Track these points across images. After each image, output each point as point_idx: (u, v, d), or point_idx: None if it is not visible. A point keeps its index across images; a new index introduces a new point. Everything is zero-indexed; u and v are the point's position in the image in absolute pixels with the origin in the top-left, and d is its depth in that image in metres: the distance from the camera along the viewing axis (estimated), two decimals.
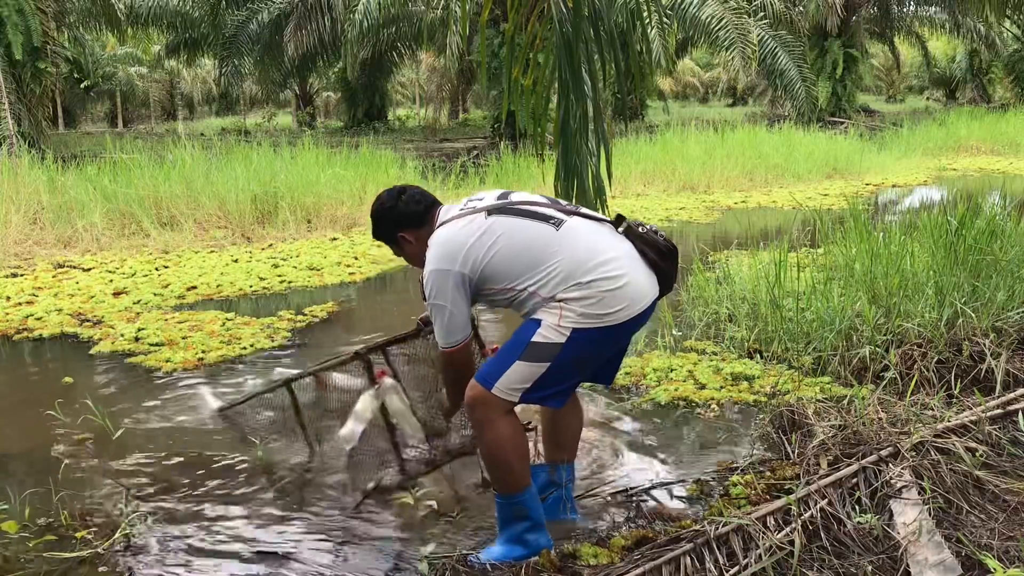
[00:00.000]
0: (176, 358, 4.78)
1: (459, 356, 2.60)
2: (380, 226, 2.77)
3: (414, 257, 2.74)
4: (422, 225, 2.69)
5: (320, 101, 38.25)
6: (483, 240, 2.51)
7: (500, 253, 2.50)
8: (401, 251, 2.79)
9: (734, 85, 42.62)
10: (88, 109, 37.18)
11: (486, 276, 2.52)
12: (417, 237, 2.70)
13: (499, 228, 2.53)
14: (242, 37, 22.62)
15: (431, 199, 2.74)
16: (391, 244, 2.79)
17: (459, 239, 2.54)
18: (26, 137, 13.29)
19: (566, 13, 3.37)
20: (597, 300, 2.44)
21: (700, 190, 12.57)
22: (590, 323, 2.44)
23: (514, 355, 2.48)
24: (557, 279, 2.47)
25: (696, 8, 18.13)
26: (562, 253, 2.48)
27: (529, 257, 2.50)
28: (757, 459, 3.28)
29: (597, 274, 2.45)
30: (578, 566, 2.52)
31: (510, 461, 2.53)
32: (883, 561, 2.48)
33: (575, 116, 3.51)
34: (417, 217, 2.70)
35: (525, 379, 2.47)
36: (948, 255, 4.66)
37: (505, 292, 2.54)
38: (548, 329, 2.45)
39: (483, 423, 2.52)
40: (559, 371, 2.47)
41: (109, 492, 3.22)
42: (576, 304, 2.44)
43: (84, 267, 7.41)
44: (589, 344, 2.47)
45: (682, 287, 5.75)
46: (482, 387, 2.50)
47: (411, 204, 2.71)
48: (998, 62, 32.19)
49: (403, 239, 2.73)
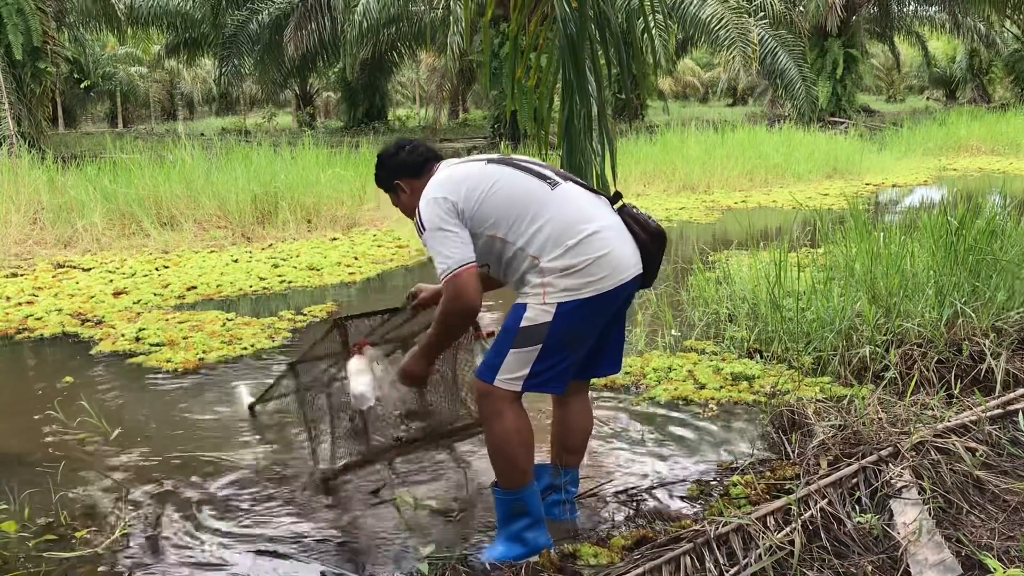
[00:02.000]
0: (177, 358, 4.78)
1: (463, 280, 2.48)
2: (380, 172, 2.83)
3: (407, 207, 2.77)
4: (419, 176, 2.73)
5: (320, 101, 38.27)
6: (481, 181, 2.57)
7: (495, 196, 2.54)
8: (397, 200, 2.83)
9: (734, 85, 42.66)
10: (88, 109, 37.20)
11: (479, 216, 2.54)
12: (412, 188, 2.74)
13: (497, 174, 2.60)
14: (242, 37, 22.64)
15: (432, 153, 2.79)
16: (389, 191, 2.83)
17: (458, 175, 2.61)
18: (26, 137, 13.30)
19: (570, 13, 3.37)
20: (580, 268, 2.47)
21: (700, 190, 12.57)
22: (573, 295, 2.47)
23: (507, 344, 2.51)
24: (544, 236, 2.50)
25: (696, 8, 18.14)
26: (552, 211, 2.53)
27: (521, 207, 2.53)
28: (757, 459, 3.28)
29: (582, 238, 2.49)
30: (578, 566, 2.52)
31: (516, 455, 2.54)
32: (883, 561, 2.48)
33: (579, 116, 3.52)
34: (415, 167, 2.75)
35: (523, 365, 2.49)
36: (948, 255, 4.66)
37: (494, 242, 2.55)
38: (533, 311, 2.48)
39: (491, 416, 2.53)
40: (551, 351, 2.49)
41: (108, 492, 3.22)
42: (559, 277, 2.47)
43: (84, 267, 7.41)
44: (574, 317, 2.48)
45: (682, 287, 5.76)
46: (484, 382, 2.53)
47: (411, 154, 2.77)
48: (998, 62, 32.22)
49: (399, 187, 2.78)
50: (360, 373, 2.93)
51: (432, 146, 2.84)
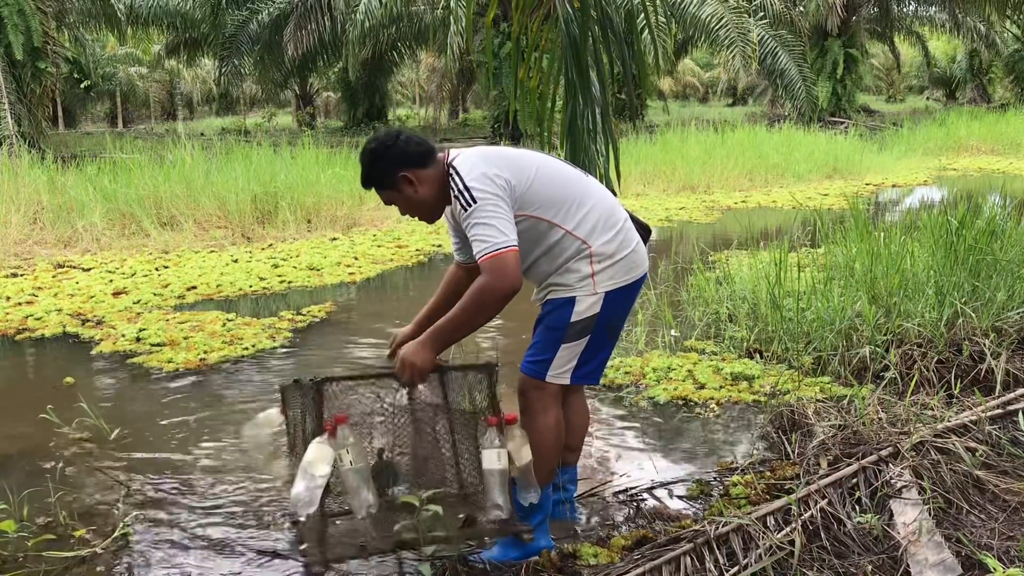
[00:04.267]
0: (178, 358, 4.78)
1: (512, 259, 2.30)
2: (377, 166, 2.49)
3: (416, 202, 2.52)
4: (425, 165, 2.48)
5: (320, 101, 38.22)
6: (525, 161, 2.50)
7: (542, 177, 2.48)
8: (398, 195, 2.51)
9: (734, 85, 42.63)
10: (88, 109, 37.17)
11: (527, 197, 2.43)
12: (421, 178, 2.48)
13: (536, 157, 2.55)
14: (242, 37, 22.61)
15: (432, 144, 2.54)
16: (387, 188, 2.51)
17: (500, 153, 2.50)
18: (26, 137, 13.30)
19: (573, 14, 3.37)
20: (625, 256, 2.51)
21: (700, 190, 12.57)
22: (617, 283, 2.50)
23: (557, 341, 2.49)
24: (592, 221, 2.48)
25: (696, 7, 18.14)
26: (595, 197, 2.54)
27: (567, 191, 2.50)
28: (757, 459, 3.28)
29: (622, 226, 2.54)
30: (578, 566, 2.52)
31: (550, 453, 2.57)
32: (883, 561, 2.48)
33: (583, 116, 3.51)
34: (420, 157, 2.48)
35: (572, 357, 2.51)
36: (948, 255, 4.66)
37: (539, 225, 2.46)
38: (584, 303, 2.48)
39: (540, 411, 2.53)
40: (597, 341, 2.52)
41: (108, 491, 3.22)
42: (607, 262, 2.48)
43: (84, 267, 7.41)
44: (616, 306, 2.53)
45: (682, 287, 5.76)
46: (535, 378, 2.52)
47: (412, 144, 2.49)
48: (998, 62, 32.20)
49: (404, 180, 2.47)
50: (315, 464, 2.30)
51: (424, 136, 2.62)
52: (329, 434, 2.33)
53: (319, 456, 2.31)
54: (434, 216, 2.62)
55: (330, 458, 2.31)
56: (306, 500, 2.28)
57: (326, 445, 2.32)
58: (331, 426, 2.34)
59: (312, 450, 2.32)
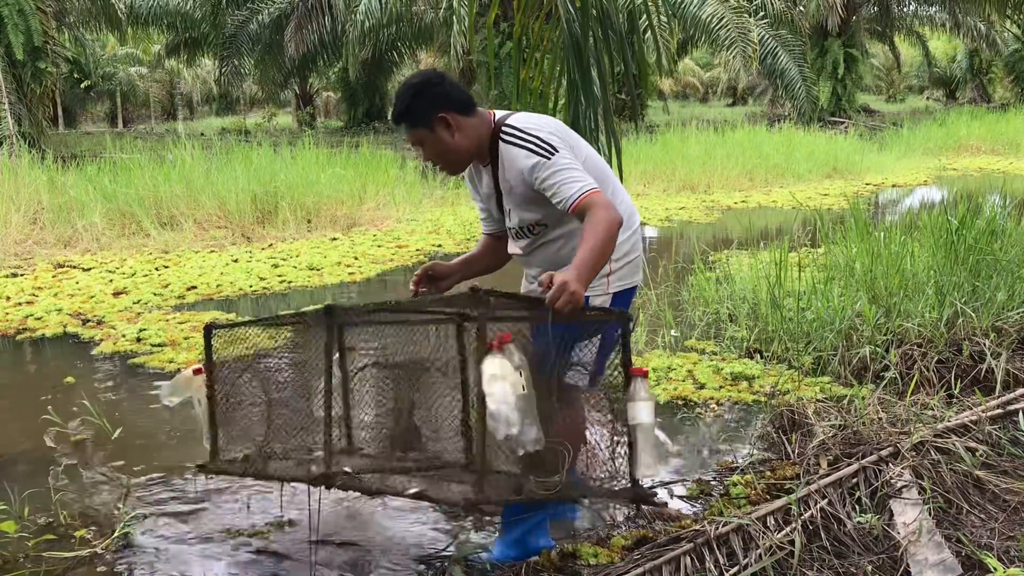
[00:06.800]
0: (179, 359, 4.78)
1: (604, 196, 2.29)
2: (418, 102, 2.34)
3: (448, 147, 2.38)
4: (467, 113, 2.37)
5: (320, 101, 38.22)
6: (577, 139, 2.51)
7: (591, 158, 2.49)
8: (431, 135, 2.36)
9: (734, 85, 42.62)
10: (88, 109, 37.19)
11: None
12: (460, 124, 2.35)
13: (582, 140, 2.57)
14: (242, 37, 22.64)
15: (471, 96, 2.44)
16: (421, 126, 2.36)
17: (560, 123, 2.49)
18: (26, 137, 13.30)
19: (574, 13, 3.37)
20: (635, 257, 2.53)
21: (700, 190, 12.57)
22: (624, 284, 2.52)
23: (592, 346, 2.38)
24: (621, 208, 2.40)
25: (696, 7, 18.14)
26: (622, 193, 2.56)
27: (605, 177, 2.51)
28: (757, 459, 3.28)
29: (636, 231, 2.55)
30: (578, 566, 2.52)
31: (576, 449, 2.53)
32: (883, 561, 2.48)
33: (584, 116, 3.52)
34: (463, 104, 2.36)
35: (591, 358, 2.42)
36: (948, 255, 4.66)
37: None
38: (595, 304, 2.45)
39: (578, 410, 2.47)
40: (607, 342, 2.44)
41: (108, 492, 3.22)
42: (620, 262, 2.48)
43: (84, 267, 7.41)
44: (621, 305, 2.52)
45: (682, 287, 5.76)
46: None
47: (456, 89, 2.38)
48: (998, 62, 32.20)
49: (443, 121, 2.34)
50: (499, 382, 2.02)
51: None
52: (499, 349, 2.03)
53: (500, 370, 2.02)
54: (460, 168, 2.49)
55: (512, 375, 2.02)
56: (507, 416, 2.01)
57: (503, 360, 2.03)
58: (498, 343, 2.04)
59: (489, 365, 2.03)
